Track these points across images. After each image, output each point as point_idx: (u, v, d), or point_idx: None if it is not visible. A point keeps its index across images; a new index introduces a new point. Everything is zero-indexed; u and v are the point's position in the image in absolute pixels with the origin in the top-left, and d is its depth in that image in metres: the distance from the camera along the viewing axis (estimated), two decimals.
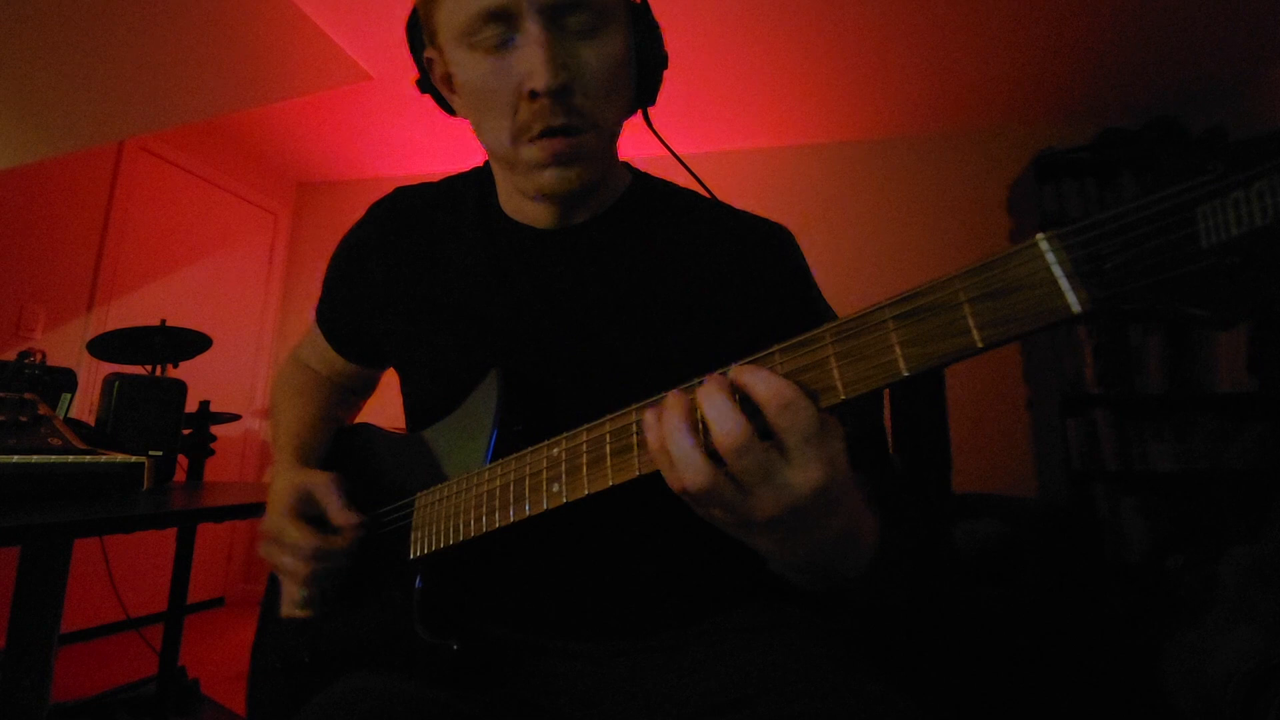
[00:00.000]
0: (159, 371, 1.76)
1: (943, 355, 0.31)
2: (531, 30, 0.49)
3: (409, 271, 0.64)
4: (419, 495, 0.57)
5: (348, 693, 0.51)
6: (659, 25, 0.60)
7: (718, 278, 0.60)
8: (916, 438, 1.70)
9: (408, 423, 0.67)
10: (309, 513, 0.60)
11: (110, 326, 2.27)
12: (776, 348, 0.36)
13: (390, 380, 0.78)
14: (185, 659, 1.88)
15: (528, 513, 0.45)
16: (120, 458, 0.99)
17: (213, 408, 2.10)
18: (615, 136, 0.58)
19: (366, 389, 0.81)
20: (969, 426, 2.61)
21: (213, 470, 2.25)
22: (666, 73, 0.61)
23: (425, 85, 0.63)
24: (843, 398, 0.34)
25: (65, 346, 2.54)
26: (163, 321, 1.76)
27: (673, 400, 0.38)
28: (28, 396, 1.03)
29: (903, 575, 0.49)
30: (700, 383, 0.38)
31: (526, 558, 0.58)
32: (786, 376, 0.35)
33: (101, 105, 2.38)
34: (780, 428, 0.35)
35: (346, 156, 3.43)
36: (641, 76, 0.59)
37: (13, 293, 2.41)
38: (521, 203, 0.62)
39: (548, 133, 0.52)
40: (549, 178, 0.54)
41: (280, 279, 3.61)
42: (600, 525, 0.56)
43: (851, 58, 2.48)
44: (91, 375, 2.47)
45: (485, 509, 0.49)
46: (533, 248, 0.61)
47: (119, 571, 1.91)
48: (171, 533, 1.90)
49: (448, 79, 0.59)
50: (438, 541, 0.53)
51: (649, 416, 0.39)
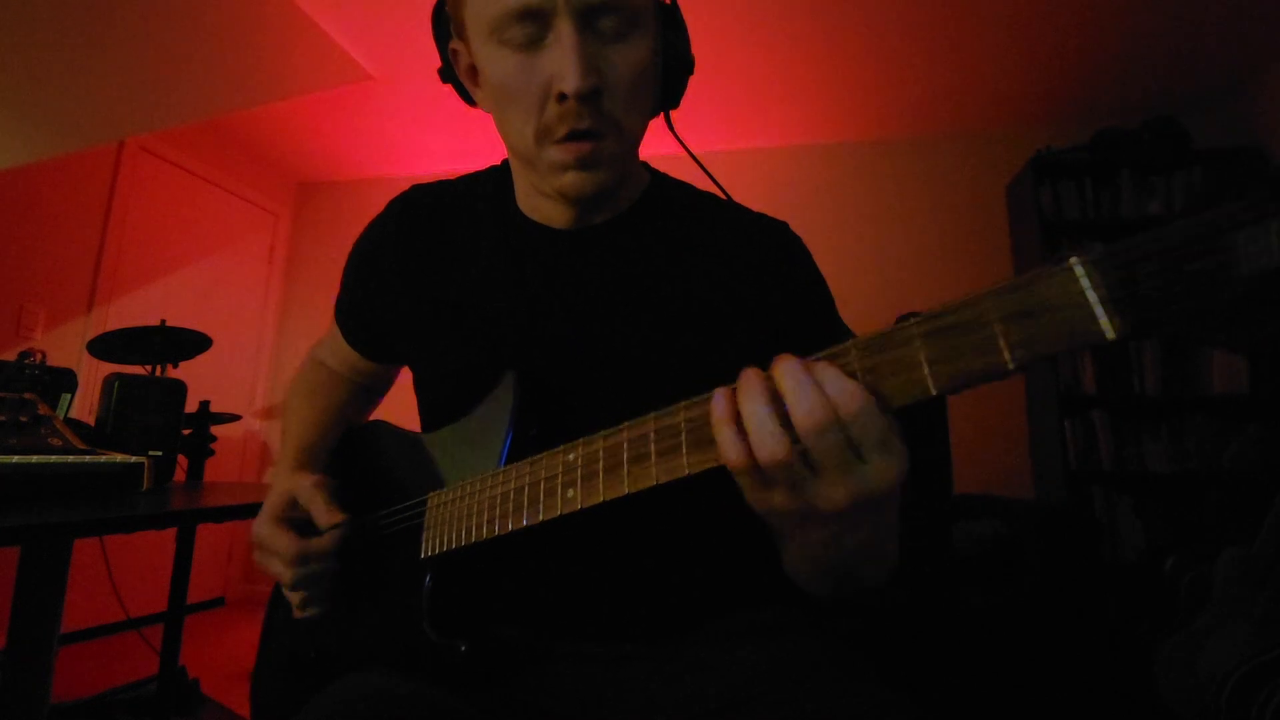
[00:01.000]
0: (159, 371, 1.76)
1: (972, 374, 0.30)
2: (564, 31, 0.49)
3: (425, 269, 0.64)
4: (431, 495, 0.57)
5: (352, 691, 0.51)
6: (686, 27, 0.60)
7: (735, 282, 0.59)
8: (916, 439, 1.70)
9: (422, 421, 0.67)
10: (296, 517, 0.61)
11: (110, 326, 2.27)
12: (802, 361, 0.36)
13: (403, 379, 0.79)
14: (185, 659, 1.88)
15: (541, 518, 0.45)
16: (120, 458, 0.99)
17: (213, 408, 2.10)
18: (638, 140, 0.57)
19: (383, 386, 0.81)
20: (967, 427, 2.61)
21: (212, 470, 2.25)
22: None
23: (447, 75, 0.62)
24: None
25: (65, 346, 2.54)
26: (163, 321, 1.76)
27: (751, 374, 0.36)
28: (28, 396, 1.03)
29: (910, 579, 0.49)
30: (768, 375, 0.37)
31: (535, 559, 0.58)
32: None
33: (101, 105, 2.38)
34: (858, 431, 0.34)
35: (346, 156, 3.43)
36: (667, 79, 0.59)
37: (13, 293, 2.41)
38: (539, 202, 0.61)
39: (573, 136, 0.51)
40: (570, 180, 0.53)
41: (280, 279, 3.61)
42: (608, 527, 0.56)
43: (849, 58, 2.49)
44: (91, 375, 2.47)
45: (499, 512, 0.49)
46: (550, 248, 0.61)
47: (119, 571, 1.91)
48: (171, 533, 1.90)
49: (472, 72, 0.59)
50: (449, 542, 0.53)
51: (719, 392, 0.37)
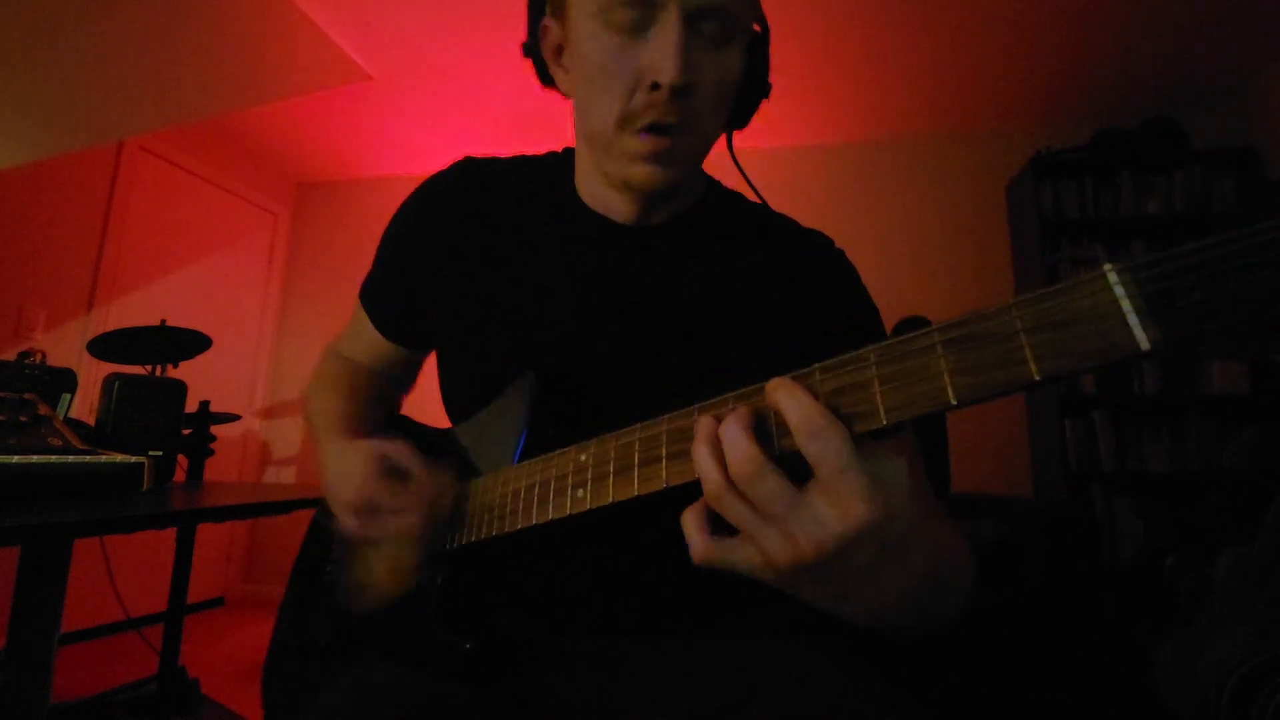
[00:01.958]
0: (159, 371, 1.76)
1: (995, 386, 0.29)
2: (670, 23, 0.49)
3: (475, 247, 0.63)
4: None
5: (361, 684, 0.51)
6: (767, 53, 0.60)
7: (780, 294, 0.60)
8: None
9: (446, 406, 0.66)
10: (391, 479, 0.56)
11: (110, 326, 2.27)
12: (818, 365, 0.35)
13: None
14: (185, 659, 1.88)
15: (550, 516, 0.46)
16: (120, 458, 0.99)
17: (213, 408, 2.10)
18: (710, 146, 0.58)
19: (407, 378, 0.78)
20: (967, 427, 2.61)
21: (212, 470, 2.25)
22: None
23: (530, 50, 0.62)
24: (884, 423, 0.32)
25: (65, 346, 2.54)
26: (163, 321, 1.76)
27: (704, 425, 0.36)
28: (28, 396, 1.03)
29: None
30: (751, 391, 0.37)
31: (542, 557, 0.58)
32: (826, 396, 0.34)
33: (101, 105, 2.38)
34: (810, 455, 0.32)
35: (346, 156, 3.43)
36: (741, 100, 0.59)
37: (13, 293, 2.41)
38: (603, 191, 0.61)
39: (654, 128, 0.52)
40: (642, 171, 0.53)
41: (280, 279, 3.61)
42: (616, 525, 0.56)
43: (850, 59, 2.49)
44: (91, 375, 2.47)
45: (509, 509, 0.49)
46: (608, 240, 0.61)
47: (119, 571, 1.91)
48: (171, 533, 1.90)
49: (559, 51, 0.58)
50: (460, 538, 0.53)
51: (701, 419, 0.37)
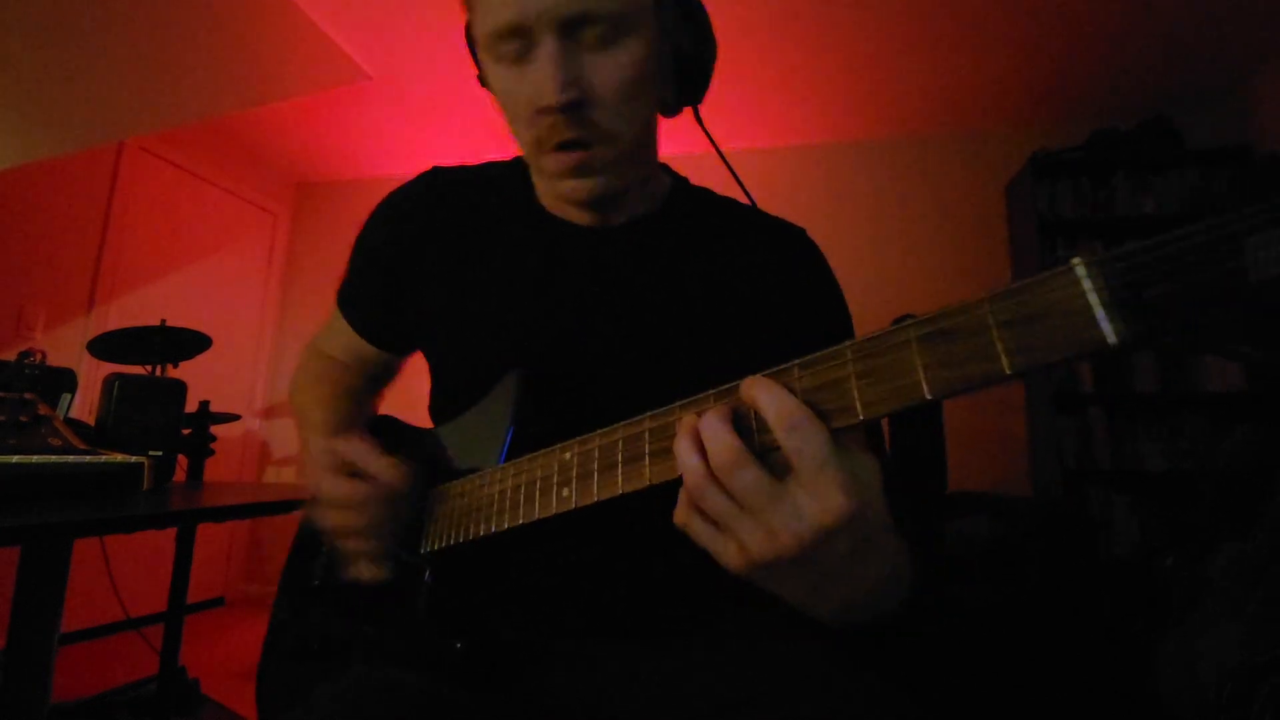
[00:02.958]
0: (159, 371, 1.76)
1: (968, 380, 0.30)
2: (545, 46, 0.49)
3: (446, 254, 0.63)
4: (432, 491, 0.58)
5: (354, 685, 0.51)
6: (702, 16, 0.58)
7: (752, 286, 0.60)
8: (912, 437, 1.70)
9: (431, 411, 0.67)
10: (348, 473, 0.56)
11: (110, 326, 2.27)
12: (796, 362, 0.35)
13: (406, 374, 0.78)
14: (185, 659, 1.89)
15: (536, 515, 0.46)
16: (120, 458, 0.99)
17: (213, 408, 2.11)
18: (640, 144, 0.57)
19: (388, 375, 0.78)
20: (964, 426, 2.62)
21: (212, 470, 2.25)
22: None
23: (485, 82, 0.62)
24: (860, 419, 0.32)
25: (65, 346, 2.54)
26: (163, 321, 1.76)
27: (687, 420, 0.37)
28: (28, 396, 1.04)
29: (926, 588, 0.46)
30: (732, 388, 0.37)
31: (535, 557, 0.58)
32: (804, 392, 0.34)
33: (101, 105, 2.38)
34: (789, 450, 0.33)
35: (346, 156, 3.43)
36: (682, 73, 0.58)
37: (13, 293, 2.41)
38: (557, 202, 0.62)
39: (562, 146, 0.52)
40: (569, 188, 0.55)
41: (280, 279, 3.62)
42: (609, 526, 0.56)
43: (848, 59, 2.49)
44: (91, 375, 2.48)
45: (495, 509, 0.50)
46: (572, 244, 0.61)
47: (119, 571, 1.92)
48: (171, 533, 1.90)
49: None
50: (448, 538, 0.54)
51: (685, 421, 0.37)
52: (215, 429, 2.14)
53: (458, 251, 0.63)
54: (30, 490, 0.88)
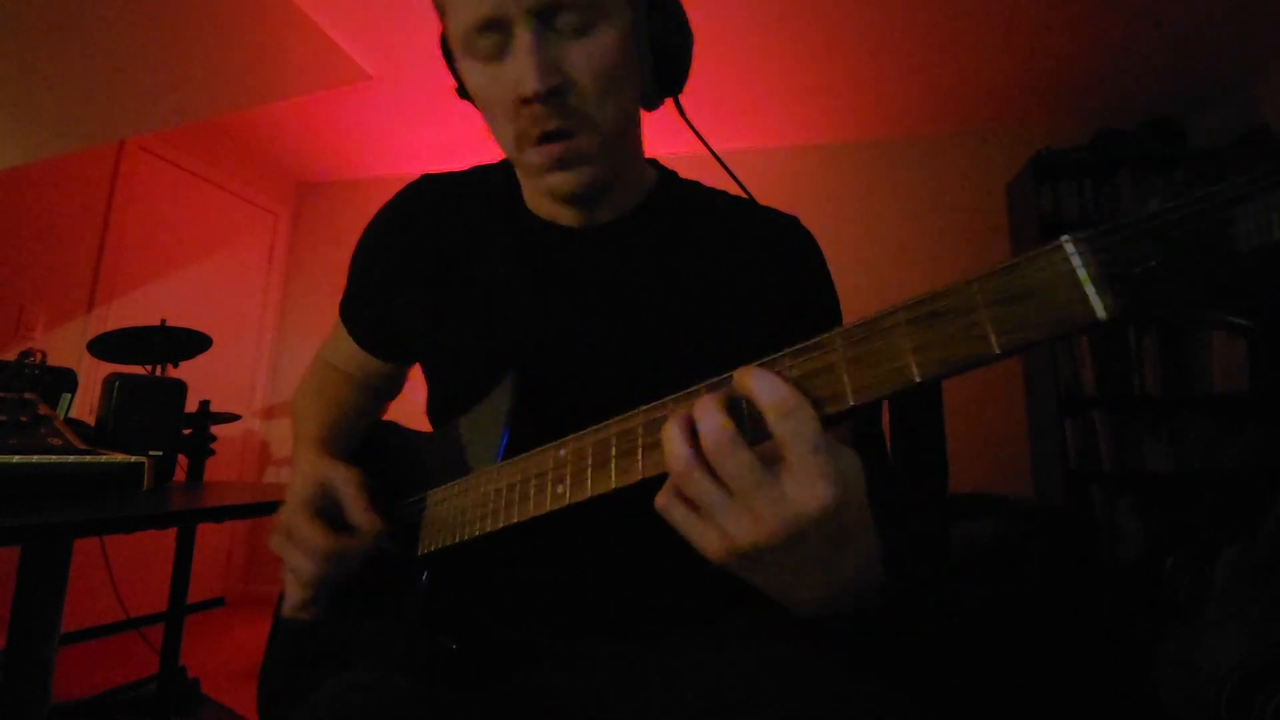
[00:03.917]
0: (159, 371, 1.76)
1: (957, 361, 0.29)
2: (521, 36, 0.49)
3: (437, 263, 0.63)
4: (429, 494, 0.58)
5: (346, 689, 0.51)
6: (675, 4, 0.58)
7: (743, 278, 0.59)
8: (913, 437, 1.70)
9: (430, 417, 0.67)
10: (327, 508, 0.57)
11: (110, 326, 2.27)
12: (787, 351, 0.35)
13: (411, 375, 0.78)
14: (185, 659, 1.89)
15: (531, 513, 0.45)
16: (120, 458, 0.99)
17: (213, 408, 2.11)
18: (623, 134, 0.56)
19: (392, 389, 0.79)
20: (966, 426, 2.62)
21: (213, 470, 2.25)
22: None
23: (462, 93, 0.62)
24: (851, 404, 0.32)
25: (65, 346, 2.54)
26: (163, 321, 1.76)
27: (679, 409, 0.37)
28: (28, 396, 1.04)
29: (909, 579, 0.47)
30: (724, 379, 0.37)
31: (531, 558, 0.58)
32: (796, 380, 0.34)
33: (101, 105, 2.38)
34: (781, 436, 0.33)
35: (346, 156, 3.43)
36: (661, 64, 0.57)
37: (13, 293, 2.41)
38: (542, 202, 0.62)
39: (545, 138, 0.52)
40: (553, 181, 0.54)
41: (280, 279, 3.62)
42: (605, 525, 0.56)
43: (849, 58, 2.49)
44: (91, 375, 2.48)
45: (490, 509, 0.49)
46: (559, 246, 0.61)
47: (119, 571, 1.92)
48: (171, 533, 1.90)
49: None
50: (443, 539, 0.53)
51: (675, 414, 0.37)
52: (215, 429, 2.14)
53: (447, 258, 0.63)
54: (30, 490, 0.88)
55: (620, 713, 0.54)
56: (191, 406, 1.53)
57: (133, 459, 1.00)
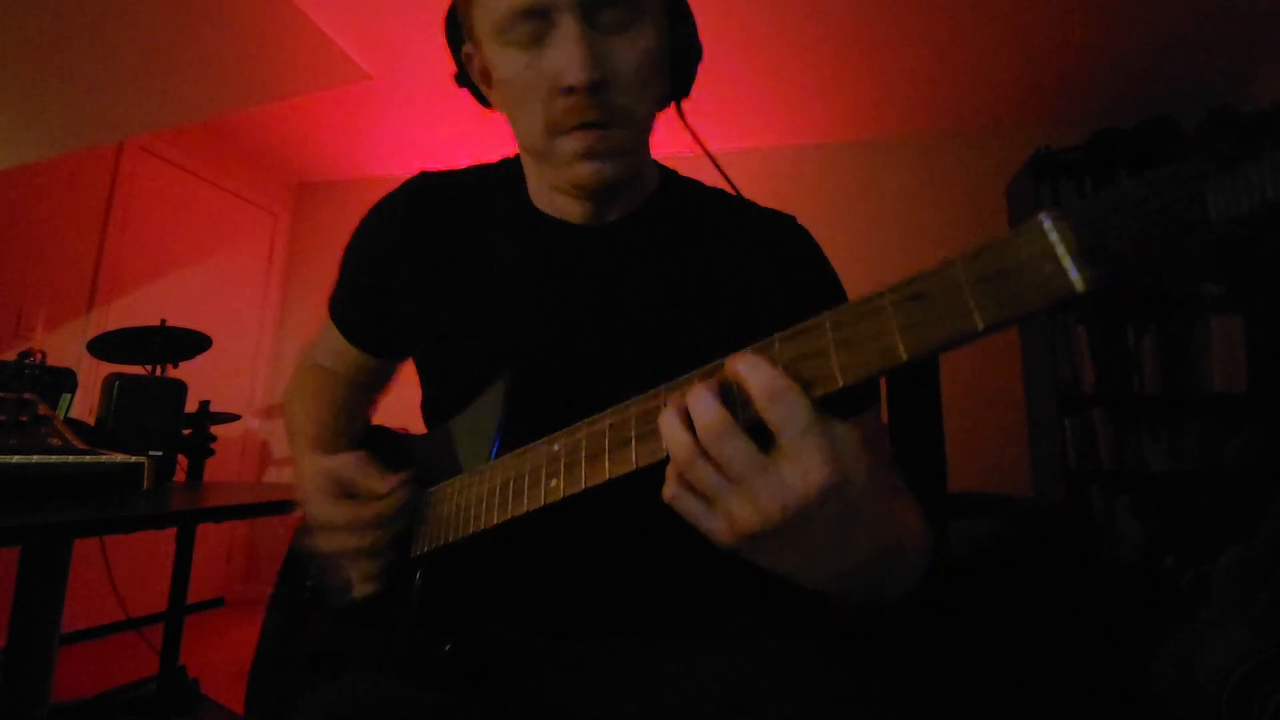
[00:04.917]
0: (159, 371, 1.76)
1: (941, 339, 0.30)
2: (566, 25, 0.49)
3: (435, 259, 0.63)
4: (424, 494, 0.58)
5: (343, 693, 0.51)
6: (691, 15, 0.60)
7: (746, 277, 0.60)
8: (913, 437, 1.70)
9: (425, 415, 0.67)
10: (344, 494, 0.57)
11: (110, 326, 2.27)
12: (777, 336, 0.36)
13: (400, 378, 0.78)
14: (185, 659, 1.88)
15: (525, 509, 0.45)
16: (120, 458, 0.99)
17: (213, 408, 2.11)
18: (648, 131, 0.58)
19: (381, 383, 0.79)
20: (965, 425, 2.62)
21: (213, 470, 2.25)
22: None
23: (463, 79, 0.63)
24: (840, 384, 0.33)
25: (65, 346, 2.54)
26: (163, 321, 1.76)
27: (674, 398, 0.38)
28: (28, 396, 1.04)
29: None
30: (716, 367, 0.37)
31: (528, 558, 0.58)
32: (787, 364, 0.34)
33: (101, 105, 2.38)
34: (772, 420, 0.33)
35: (346, 156, 3.43)
36: (675, 69, 0.59)
37: (13, 293, 2.41)
38: (554, 197, 0.61)
39: (582, 126, 0.52)
40: (584, 170, 0.54)
41: (280, 279, 3.61)
42: (602, 526, 0.56)
43: (848, 58, 2.49)
44: (91, 375, 2.47)
45: (485, 506, 0.49)
46: (565, 243, 0.61)
47: (119, 571, 1.91)
48: (171, 533, 1.90)
49: (486, 74, 0.59)
50: (439, 540, 0.53)
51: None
52: (215, 429, 2.13)
53: (445, 256, 0.63)
54: (30, 490, 0.88)
55: (618, 714, 0.53)
56: (191, 406, 1.53)
57: (133, 459, 1.00)
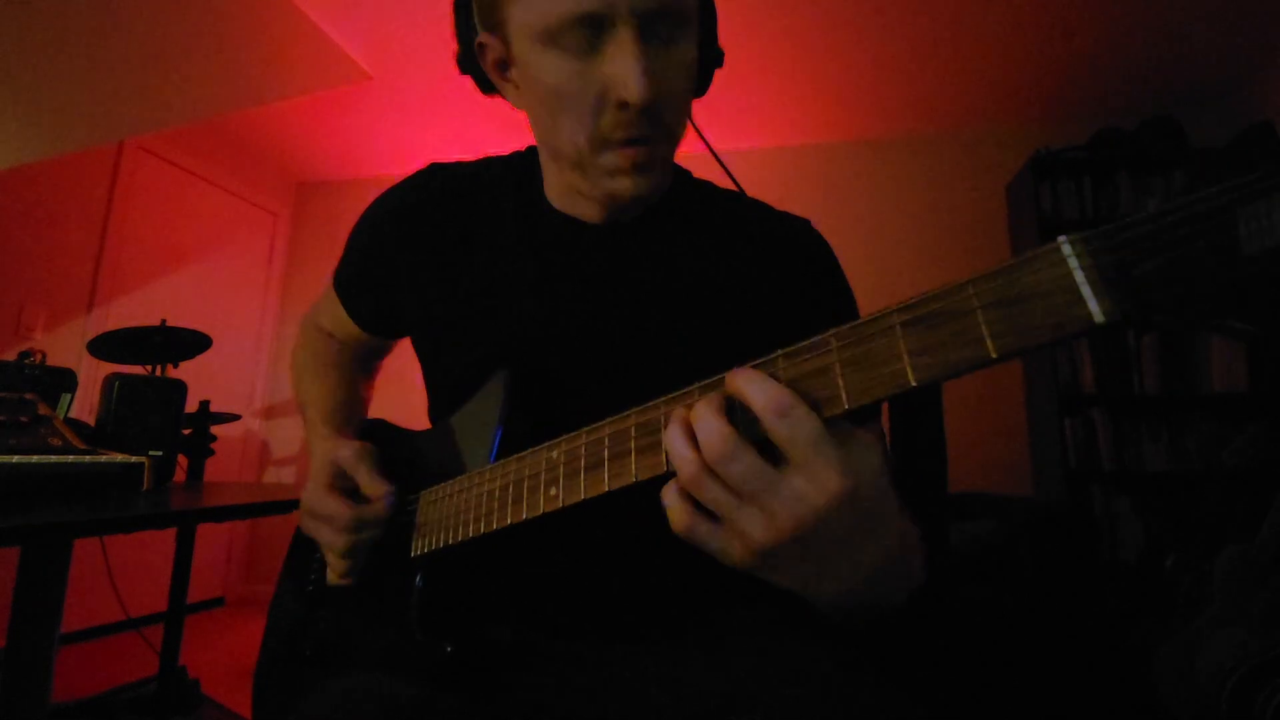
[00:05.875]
0: (159, 371, 1.76)
1: (953, 365, 0.29)
2: (624, 38, 0.47)
3: (442, 251, 0.63)
4: (422, 494, 0.57)
5: (345, 691, 0.51)
6: (715, 14, 0.60)
7: (758, 281, 0.59)
8: (913, 437, 1.70)
9: (429, 409, 0.67)
10: (345, 485, 0.60)
11: (110, 326, 2.27)
12: (780, 352, 0.35)
13: (401, 377, 0.78)
14: (185, 659, 1.88)
15: (525, 516, 0.45)
16: (120, 458, 0.99)
17: (213, 408, 2.11)
18: (683, 133, 0.57)
19: (381, 354, 0.82)
20: (966, 426, 2.61)
21: (212, 470, 2.25)
22: None
23: (467, 66, 0.60)
24: (846, 407, 0.32)
25: (65, 346, 2.54)
26: (163, 321, 1.76)
27: (677, 414, 0.37)
28: (28, 396, 1.04)
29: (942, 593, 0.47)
30: (717, 381, 0.37)
31: (527, 558, 0.58)
32: (789, 382, 0.34)
33: (101, 105, 2.38)
34: (780, 437, 0.32)
35: (346, 156, 3.43)
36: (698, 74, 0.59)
37: (13, 293, 2.41)
38: (572, 197, 0.61)
39: (630, 142, 0.51)
40: (625, 184, 0.53)
41: (280, 279, 3.61)
42: (601, 525, 0.56)
43: (848, 58, 2.49)
44: (91, 375, 2.47)
45: (484, 510, 0.49)
46: (577, 240, 0.61)
47: (119, 571, 1.91)
48: (171, 533, 1.90)
49: (501, 66, 0.57)
50: (438, 541, 0.53)
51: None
52: (215, 429, 2.14)
53: (450, 247, 0.63)
54: (30, 490, 0.88)
55: (619, 714, 0.53)
56: (191, 406, 1.53)
57: (133, 459, 1.00)
